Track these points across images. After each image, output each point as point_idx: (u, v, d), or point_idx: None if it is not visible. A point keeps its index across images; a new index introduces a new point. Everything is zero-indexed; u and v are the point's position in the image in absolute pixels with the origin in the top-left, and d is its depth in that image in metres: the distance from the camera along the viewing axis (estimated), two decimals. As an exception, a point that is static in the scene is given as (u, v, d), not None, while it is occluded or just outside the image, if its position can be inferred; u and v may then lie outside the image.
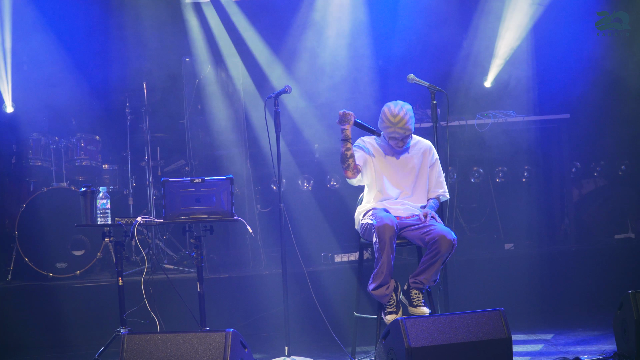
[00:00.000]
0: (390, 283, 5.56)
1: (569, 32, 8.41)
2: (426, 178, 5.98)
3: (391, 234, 5.48)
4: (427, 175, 5.98)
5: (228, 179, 5.66)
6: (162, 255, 7.75)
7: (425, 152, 5.99)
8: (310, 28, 8.48)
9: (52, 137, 7.76)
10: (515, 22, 8.37)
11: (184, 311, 6.28)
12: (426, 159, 5.98)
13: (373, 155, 5.94)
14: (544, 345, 6.33)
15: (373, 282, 5.57)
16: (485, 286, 7.31)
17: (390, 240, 5.48)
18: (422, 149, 6.00)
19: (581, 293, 7.45)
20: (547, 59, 8.59)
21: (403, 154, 5.96)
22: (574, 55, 8.41)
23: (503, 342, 4.91)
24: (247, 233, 5.98)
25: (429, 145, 6.03)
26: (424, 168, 5.97)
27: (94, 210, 5.77)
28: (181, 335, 4.79)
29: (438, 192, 5.98)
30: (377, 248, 5.50)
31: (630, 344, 5.23)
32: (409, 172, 5.94)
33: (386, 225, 5.49)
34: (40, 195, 7.32)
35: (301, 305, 6.71)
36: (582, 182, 8.55)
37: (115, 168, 8.13)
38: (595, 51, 8.40)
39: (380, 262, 5.50)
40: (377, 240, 5.50)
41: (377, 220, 5.55)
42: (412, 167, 5.95)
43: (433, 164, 5.99)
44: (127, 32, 8.49)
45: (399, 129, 5.77)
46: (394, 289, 5.57)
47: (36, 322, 6.83)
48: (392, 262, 5.52)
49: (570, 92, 8.39)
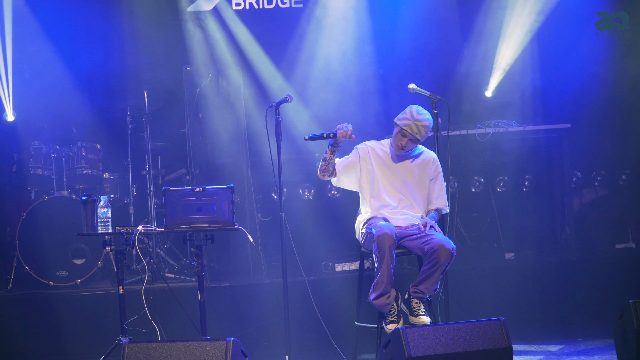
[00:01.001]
0: (391, 292, 5.55)
1: (570, 41, 8.42)
2: (427, 189, 5.98)
3: (390, 242, 5.48)
4: (428, 186, 5.98)
5: (229, 188, 5.66)
6: (162, 264, 7.74)
7: (428, 163, 5.99)
8: (311, 37, 8.50)
9: (53, 146, 7.76)
10: (516, 31, 8.38)
11: (185, 320, 6.28)
12: (428, 170, 5.98)
13: (372, 161, 5.96)
14: (544, 355, 6.32)
15: (374, 292, 5.56)
16: (486, 295, 7.30)
17: (390, 249, 5.48)
18: (426, 159, 6.01)
19: (582, 302, 7.44)
20: (549, 68, 8.60)
21: (405, 162, 5.96)
22: (576, 63, 8.42)
23: (504, 351, 4.91)
24: (248, 242, 5.99)
25: (433, 156, 6.03)
26: (424, 178, 5.97)
27: (94, 219, 5.77)
28: (182, 344, 4.79)
29: (438, 205, 5.97)
30: (377, 257, 5.50)
31: (631, 354, 5.22)
32: (409, 181, 5.94)
33: (385, 234, 5.49)
34: (41, 203, 7.32)
35: (302, 314, 6.71)
36: (583, 192, 8.55)
37: (116, 177, 8.13)
38: (596, 56, 8.41)
39: (381, 272, 5.50)
40: (376, 249, 5.50)
41: (377, 229, 5.55)
42: (412, 177, 5.95)
43: (436, 177, 5.99)
44: (128, 40, 8.50)
45: (414, 126, 5.78)
46: (394, 298, 5.57)
47: (36, 330, 6.82)
48: (393, 271, 5.52)
49: (572, 101, 8.40)
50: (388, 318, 5.56)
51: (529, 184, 8.34)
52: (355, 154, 6.01)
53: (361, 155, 6.00)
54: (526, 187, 8.34)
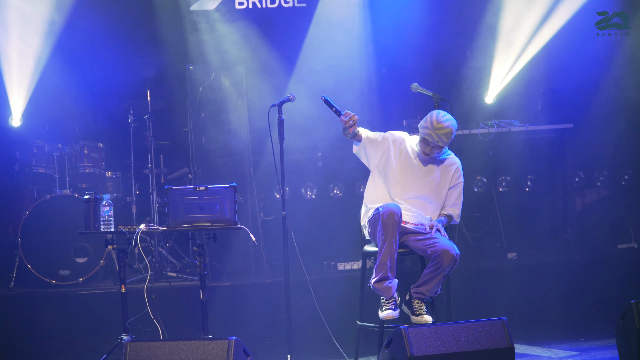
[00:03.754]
0: (394, 280, 5.53)
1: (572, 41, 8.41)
2: (444, 195, 5.92)
3: (395, 220, 5.46)
4: (446, 193, 5.93)
5: (231, 187, 5.67)
6: (165, 262, 7.75)
7: (450, 169, 5.92)
8: (314, 36, 8.50)
9: (56, 145, 7.76)
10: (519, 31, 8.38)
11: (187, 319, 6.28)
12: (450, 176, 5.91)
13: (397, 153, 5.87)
14: (546, 355, 6.32)
15: (375, 275, 5.54)
16: (488, 295, 7.30)
17: (394, 227, 5.46)
18: (450, 165, 5.94)
19: (584, 303, 7.45)
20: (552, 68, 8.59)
21: (429, 164, 5.92)
22: (577, 63, 8.41)
23: (505, 351, 4.91)
24: (250, 241, 5.98)
25: (457, 164, 5.97)
26: (444, 184, 5.90)
27: (97, 218, 5.78)
28: (184, 343, 4.79)
29: (451, 212, 5.92)
30: (381, 235, 5.47)
31: (633, 355, 5.22)
32: (428, 182, 5.88)
33: (391, 211, 5.47)
34: (44, 202, 7.33)
35: (304, 313, 6.71)
36: (585, 192, 8.54)
37: (118, 175, 8.13)
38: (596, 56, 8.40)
39: (384, 250, 5.47)
40: (381, 227, 5.48)
41: (383, 207, 5.54)
42: (433, 179, 5.89)
43: (456, 185, 5.93)
44: (131, 39, 8.51)
45: (435, 136, 5.72)
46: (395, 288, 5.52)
47: (38, 329, 6.83)
48: (396, 252, 5.49)
49: (574, 101, 8.39)
50: (385, 305, 5.53)
51: (531, 184, 8.34)
52: (386, 137, 5.89)
53: (391, 141, 5.88)
54: (528, 187, 8.34)
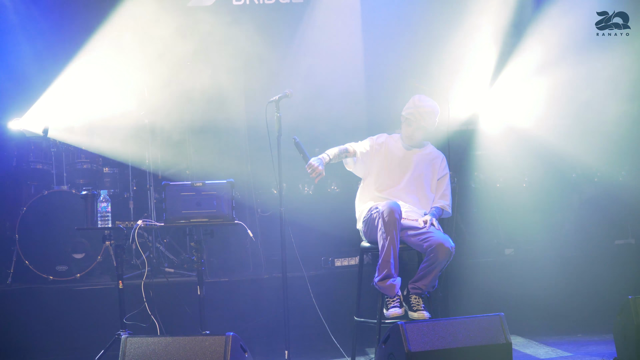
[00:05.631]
0: (397, 278, 5.53)
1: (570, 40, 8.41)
2: (434, 186, 5.99)
3: (395, 217, 5.49)
4: (435, 184, 5.99)
5: (229, 183, 5.67)
6: (162, 258, 7.74)
7: (436, 161, 6.03)
8: (311, 32, 8.50)
9: (53, 140, 7.75)
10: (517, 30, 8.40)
11: (184, 314, 6.28)
12: (437, 167, 6.01)
13: (383, 152, 5.98)
14: (543, 350, 6.33)
15: (379, 274, 5.55)
16: (485, 291, 7.31)
17: (395, 224, 5.48)
18: (435, 157, 6.06)
19: (581, 298, 7.45)
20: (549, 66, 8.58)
21: (415, 153, 5.98)
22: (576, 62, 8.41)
23: (503, 347, 4.92)
24: (247, 237, 5.98)
25: (441, 156, 6.08)
26: (432, 175, 6.00)
27: (94, 214, 5.78)
28: (181, 338, 4.79)
29: (442, 203, 5.98)
30: (383, 233, 5.49)
31: (630, 350, 5.23)
32: (417, 176, 5.95)
33: (392, 209, 5.51)
34: (41, 198, 7.32)
35: (301, 309, 6.71)
36: (583, 188, 8.55)
37: (115, 171, 8.13)
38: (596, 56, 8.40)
39: (386, 249, 5.48)
40: (382, 225, 5.49)
41: (383, 205, 5.58)
42: (421, 172, 5.97)
43: (442, 177, 6.01)
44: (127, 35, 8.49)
45: (417, 114, 5.85)
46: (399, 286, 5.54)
47: (36, 324, 6.82)
48: (397, 250, 5.51)
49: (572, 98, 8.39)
50: (390, 303, 5.55)
51: (528, 179, 8.34)
52: (372, 145, 6.04)
53: (376, 144, 6.03)
54: (526, 182, 8.34)
